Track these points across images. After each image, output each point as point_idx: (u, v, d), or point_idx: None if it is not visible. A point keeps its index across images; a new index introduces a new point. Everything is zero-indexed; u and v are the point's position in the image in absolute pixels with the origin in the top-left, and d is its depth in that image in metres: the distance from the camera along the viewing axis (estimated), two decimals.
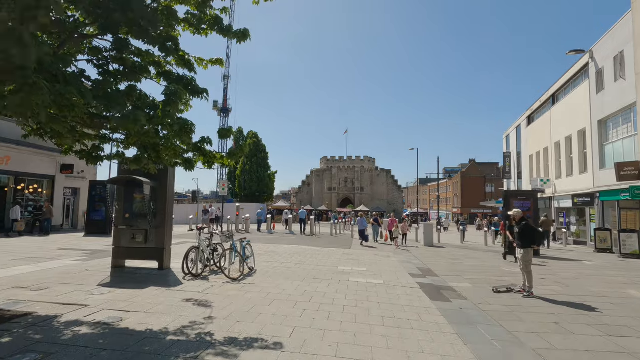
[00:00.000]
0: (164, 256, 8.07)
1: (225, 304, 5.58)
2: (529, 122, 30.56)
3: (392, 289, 7.25)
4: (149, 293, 6.09)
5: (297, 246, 14.61)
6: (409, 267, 10.56)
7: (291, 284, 7.23)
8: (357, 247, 15.37)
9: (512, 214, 7.82)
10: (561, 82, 23.43)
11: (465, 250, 15.96)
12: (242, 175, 53.64)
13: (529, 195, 15.10)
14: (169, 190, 8.29)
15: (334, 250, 13.73)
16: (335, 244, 16.58)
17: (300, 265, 9.86)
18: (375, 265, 10.52)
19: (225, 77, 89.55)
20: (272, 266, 9.44)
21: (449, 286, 7.99)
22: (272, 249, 13.42)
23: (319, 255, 12.03)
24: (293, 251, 12.91)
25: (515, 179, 34.38)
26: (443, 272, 9.91)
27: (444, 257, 13.34)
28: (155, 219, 8.09)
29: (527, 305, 6.42)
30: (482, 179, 75.08)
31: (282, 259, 10.90)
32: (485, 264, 11.82)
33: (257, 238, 17.72)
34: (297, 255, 11.73)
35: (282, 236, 19.57)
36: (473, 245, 19.24)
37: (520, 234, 7.45)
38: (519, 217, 7.72)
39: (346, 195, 70.15)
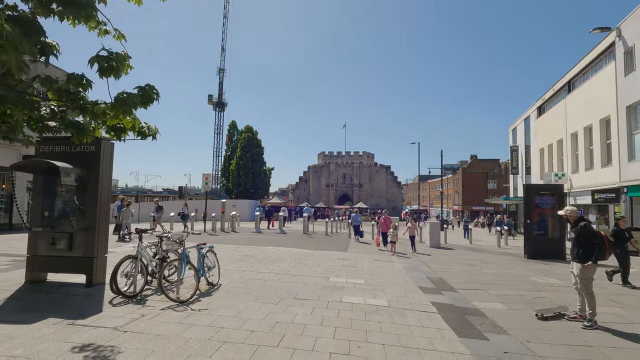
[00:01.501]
0: (94, 268, 6.02)
1: (140, 357, 3.53)
2: (539, 113, 28.54)
3: (400, 316, 5.23)
4: (32, 333, 4.00)
5: (285, 249, 12.59)
6: (417, 276, 8.54)
7: (260, 310, 5.20)
8: (354, 249, 13.36)
9: (564, 214, 5.73)
10: (579, 67, 21.38)
11: (478, 253, 13.96)
12: (235, 171, 51.49)
13: (553, 189, 13.08)
14: (102, 177, 6.21)
15: (327, 254, 11.71)
16: (330, 245, 14.56)
17: (281, 275, 7.82)
18: (376, 274, 8.50)
19: (220, 70, 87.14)
20: (244, 278, 7.40)
21: (475, 308, 5.98)
22: (254, 252, 11.39)
23: (308, 261, 10.00)
24: (278, 255, 10.88)
25: (523, 175, 32.40)
26: (461, 284, 7.90)
27: (456, 262, 11.34)
28: (82, 218, 6.03)
29: (599, 344, 4.41)
30: (484, 175, 73.09)
31: (261, 266, 8.87)
32: (509, 271, 9.82)
33: (241, 239, 15.68)
34: (281, 262, 9.70)
35: (270, 236, 17.54)
36: (484, 246, 17.25)
37: (578, 241, 5.37)
38: (574, 217, 5.60)
39: (344, 192, 68.18)
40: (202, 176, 19.48)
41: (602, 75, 18.27)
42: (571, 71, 22.47)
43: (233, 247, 12.39)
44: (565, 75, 23.25)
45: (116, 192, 48.12)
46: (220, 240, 14.49)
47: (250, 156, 51.61)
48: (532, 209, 12.51)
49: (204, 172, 19.01)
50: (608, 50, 18.15)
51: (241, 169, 51.13)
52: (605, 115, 17.78)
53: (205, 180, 18.89)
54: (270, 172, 55.10)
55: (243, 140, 52.40)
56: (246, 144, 51.92)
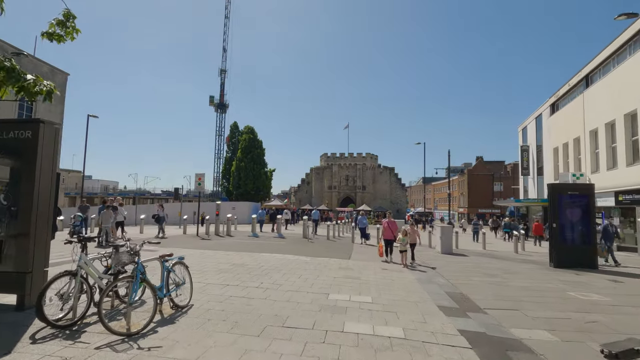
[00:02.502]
0: (28, 286, 4.72)
1: None
2: (552, 110, 27.11)
3: (422, 354, 3.89)
4: None
5: (281, 256, 11.26)
6: (433, 291, 7.18)
7: (233, 347, 3.87)
8: (358, 256, 12.01)
9: None
10: (599, 60, 19.98)
11: (496, 261, 12.55)
12: (236, 173, 50.26)
13: (583, 189, 11.67)
14: (41, 169, 4.93)
15: (328, 262, 10.36)
16: (332, 251, 13.22)
17: (272, 291, 6.49)
18: (384, 289, 7.14)
19: (222, 71, 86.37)
20: (225, 296, 6.07)
21: (516, 339, 4.62)
22: (245, 260, 10.07)
23: (305, 271, 8.66)
24: (272, 264, 9.55)
25: (534, 175, 30.95)
26: (488, 301, 6.53)
27: (474, 272, 9.95)
28: (13, 222, 4.75)
29: None
30: (490, 177, 71.51)
31: (250, 279, 7.54)
32: (539, 284, 8.42)
33: (234, 244, 14.37)
34: (274, 272, 8.36)
35: (267, 241, 16.21)
36: (499, 252, 15.82)
37: None
38: None
39: (347, 194, 66.81)
40: (194, 176, 18.01)
41: (628, 66, 16.86)
42: (590, 64, 21.06)
43: (223, 254, 11.08)
44: (583, 69, 21.84)
45: (114, 195, 47.02)
46: (212, 246, 13.19)
47: (251, 158, 50.38)
48: (560, 211, 11.09)
49: (197, 172, 17.80)
50: (633, 39, 16.76)
51: (241, 171, 49.89)
52: (631, 109, 16.37)
53: (198, 181, 17.57)
54: (271, 174, 53.80)
55: (244, 142, 51.20)
56: (247, 145, 50.72)
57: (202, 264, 8.99)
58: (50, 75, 21.10)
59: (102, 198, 14.35)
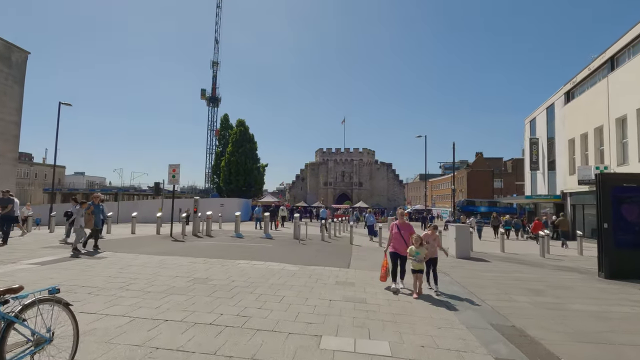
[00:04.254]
0: None
1: None
2: (567, 99, 24.93)
3: None
4: None
5: (262, 264, 8.89)
6: (475, 324, 4.86)
7: None
8: (360, 263, 9.67)
9: None
10: (627, 39, 17.77)
11: (528, 269, 10.27)
12: (226, 168, 47.69)
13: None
14: None
15: (322, 273, 8.02)
16: (327, 256, 10.88)
17: (230, 334, 4.13)
18: (405, 324, 4.79)
19: (214, 63, 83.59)
20: (144, 351, 3.69)
21: None
22: (213, 271, 7.69)
23: (290, 290, 6.31)
24: (247, 278, 7.19)
25: (544, 170, 28.83)
26: (564, 344, 4.22)
27: (512, 286, 7.64)
28: None
29: None
30: (490, 173, 69.62)
31: (206, 305, 5.17)
32: (611, 307, 6.11)
33: (209, 247, 11.97)
34: (245, 293, 6.00)
35: (251, 242, 13.83)
36: (523, 256, 13.58)
37: None
38: None
39: (343, 191, 64.56)
40: (168, 167, 15.46)
41: None
42: (615, 45, 18.86)
43: (188, 262, 8.69)
44: (607, 50, 19.64)
45: (95, 190, 44.27)
46: (180, 250, 10.77)
47: (242, 152, 47.82)
48: (613, 208, 8.83)
49: (171, 163, 15.50)
50: None
51: (232, 166, 47.33)
52: None
53: (172, 173, 15.11)
54: (264, 169, 51.31)
55: (234, 135, 48.61)
56: (238, 139, 48.14)
57: (150, 280, 6.61)
58: (6, 52, 18.45)
59: (72, 196, 12.20)
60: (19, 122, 19.64)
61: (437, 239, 7.19)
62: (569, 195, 24.04)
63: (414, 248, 6.45)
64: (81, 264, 8.02)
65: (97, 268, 7.63)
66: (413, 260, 6.39)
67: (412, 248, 6.46)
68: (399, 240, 6.76)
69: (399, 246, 6.77)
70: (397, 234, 6.80)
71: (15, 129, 19.46)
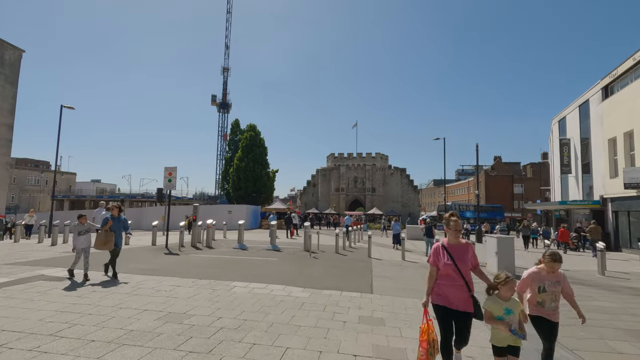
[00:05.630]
0: None
1: None
2: (605, 94, 22.59)
3: None
4: None
5: (262, 288, 7.06)
6: None
7: None
8: (386, 283, 7.74)
9: None
10: None
11: (597, 292, 8.17)
12: (235, 173, 46.29)
13: None
14: None
15: (339, 303, 6.14)
16: (342, 274, 8.98)
17: None
18: None
19: (224, 69, 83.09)
20: None
21: None
22: (195, 301, 5.90)
23: (295, 336, 4.45)
24: (239, 312, 5.37)
25: (578, 173, 26.36)
26: None
27: (602, 324, 5.61)
28: None
29: None
30: (510, 178, 66.59)
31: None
32: None
33: (204, 262, 10.20)
34: (232, 340, 4.17)
35: (254, 256, 12.02)
36: (576, 272, 11.40)
37: None
38: None
39: (356, 197, 62.44)
40: (164, 170, 13.90)
41: None
42: None
43: (169, 287, 6.91)
44: None
45: (102, 197, 43.42)
46: (168, 266, 9.02)
47: (252, 157, 46.38)
48: None
49: (167, 166, 14.04)
50: None
51: (241, 172, 45.90)
52: None
53: (168, 176, 13.50)
54: (274, 175, 49.75)
55: (245, 140, 47.26)
56: (248, 144, 46.77)
57: (104, 319, 4.84)
58: None
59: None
60: (12, 124, 18.46)
61: (564, 282, 3.53)
62: (609, 200, 21.59)
63: (498, 300, 3.17)
64: (34, 291, 6.34)
65: (48, 297, 5.92)
66: (499, 328, 3.10)
67: (493, 302, 3.18)
68: (453, 278, 3.29)
69: (453, 293, 3.29)
70: (449, 267, 3.31)
71: (8, 132, 18.27)
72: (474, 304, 3.24)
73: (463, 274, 3.30)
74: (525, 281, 3.55)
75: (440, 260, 3.40)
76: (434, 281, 3.43)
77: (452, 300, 3.29)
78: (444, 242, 3.49)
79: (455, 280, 3.30)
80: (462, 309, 3.26)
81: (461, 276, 3.29)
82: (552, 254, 3.49)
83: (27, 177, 54.77)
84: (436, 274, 3.43)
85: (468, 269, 3.35)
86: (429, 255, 3.55)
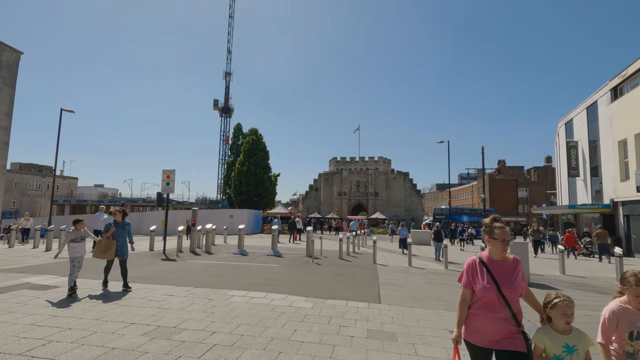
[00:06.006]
0: None
1: None
2: (614, 95, 22.08)
3: None
4: None
5: (263, 297, 6.57)
6: None
7: None
8: (394, 293, 7.22)
9: None
10: None
11: None
12: (237, 178, 45.88)
13: None
14: None
15: (345, 314, 5.63)
16: (348, 282, 8.47)
17: None
18: None
19: (226, 74, 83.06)
20: None
21: None
22: (191, 312, 5.41)
23: (297, 355, 3.95)
24: (237, 327, 4.87)
25: (587, 177, 25.77)
26: None
27: None
28: None
29: None
30: (514, 182, 65.90)
31: None
32: None
33: (201, 269, 9.71)
34: (226, 358, 3.69)
35: (254, 262, 11.53)
36: (595, 281, 10.83)
37: None
38: None
39: (358, 201, 61.91)
40: (162, 173, 13.47)
41: None
42: None
43: (162, 296, 6.43)
44: None
45: (103, 202, 43.07)
46: (163, 273, 8.55)
47: (254, 161, 45.98)
48: None
49: (165, 169, 13.68)
50: None
51: (242, 176, 45.47)
52: None
53: (166, 180, 13.07)
54: (275, 179, 49.28)
55: (247, 144, 46.92)
56: (250, 148, 46.40)
57: (85, 333, 4.36)
58: None
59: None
60: (9, 127, 18.12)
61: None
62: (620, 204, 20.99)
63: (553, 333, 2.32)
64: (14, 301, 5.87)
65: (28, 309, 5.45)
66: None
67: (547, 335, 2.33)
68: (495, 308, 2.40)
69: (494, 327, 2.39)
70: (490, 293, 2.42)
71: (4, 134, 17.93)
72: (525, 342, 2.32)
73: (510, 303, 2.36)
74: (610, 325, 2.42)
75: (477, 281, 2.49)
76: (468, 309, 2.52)
77: (494, 337, 2.36)
78: (483, 257, 2.57)
79: (498, 310, 2.37)
80: (506, 347, 2.32)
81: (507, 305, 2.36)
82: (637, 275, 2.41)
83: (29, 182, 54.61)
84: (470, 299, 2.52)
85: (517, 295, 2.42)
86: (461, 274, 2.64)
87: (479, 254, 2.64)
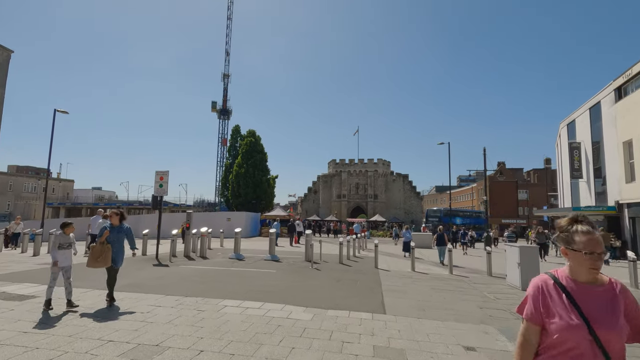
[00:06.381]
0: None
1: None
2: (619, 95, 21.71)
3: None
4: None
5: (259, 307, 6.06)
6: None
7: None
8: (400, 301, 6.73)
9: None
10: None
11: None
12: (235, 180, 45.37)
13: None
14: None
15: (348, 328, 5.14)
16: (350, 289, 7.96)
17: None
18: None
19: (225, 75, 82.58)
20: None
21: None
22: (178, 326, 4.91)
23: None
24: (227, 343, 4.37)
25: (590, 178, 25.37)
26: None
27: None
28: None
29: None
30: (514, 184, 65.56)
31: None
32: None
33: (193, 275, 9.19)
34: None
35: (249, 267, 11.02)
36: None
37: None
38: None
39: (358, 204, 61.43)
40: (155, 175, 12.94)
41: None
42: None
43: (148, 307, 5.92)
44: None
45: (99, 205, 42.47)
46: (152, 281, 8.02)
47: (252, 163, 45.50)
48: None
49: (158, 170, 13.21)
50: None
51: (241, 178, 44.96)
52: None
53: (160, 181, 12.57)
54: (273, 181, 48.78)
55: (245, 146, 46.46)
56: (248, 150, 45.94)
57: (54, 352, 3.85)
58: None
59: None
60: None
61: None
62: (626, 206, 20.58)
63: None
64: None
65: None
66: None
67: None
68: (584, 357, 1.51)
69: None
70: (576, 333, 1.52)
71: None
72: None
73: (607, 350, 1.50)
74: None
75: (553, 313, 1.60)
76: (534, 357, 1.64)
77: None
78: (560, 277, 1.67)
79: None
80: None
81: (602, 353, 1.49)
82: None
83: (24, 185, 53.95)
84: (538, 339, 1.64)
85: (621, 340, 1.52)
86: (522, 300, 1.74)
87: (553, 271, 1.72)
